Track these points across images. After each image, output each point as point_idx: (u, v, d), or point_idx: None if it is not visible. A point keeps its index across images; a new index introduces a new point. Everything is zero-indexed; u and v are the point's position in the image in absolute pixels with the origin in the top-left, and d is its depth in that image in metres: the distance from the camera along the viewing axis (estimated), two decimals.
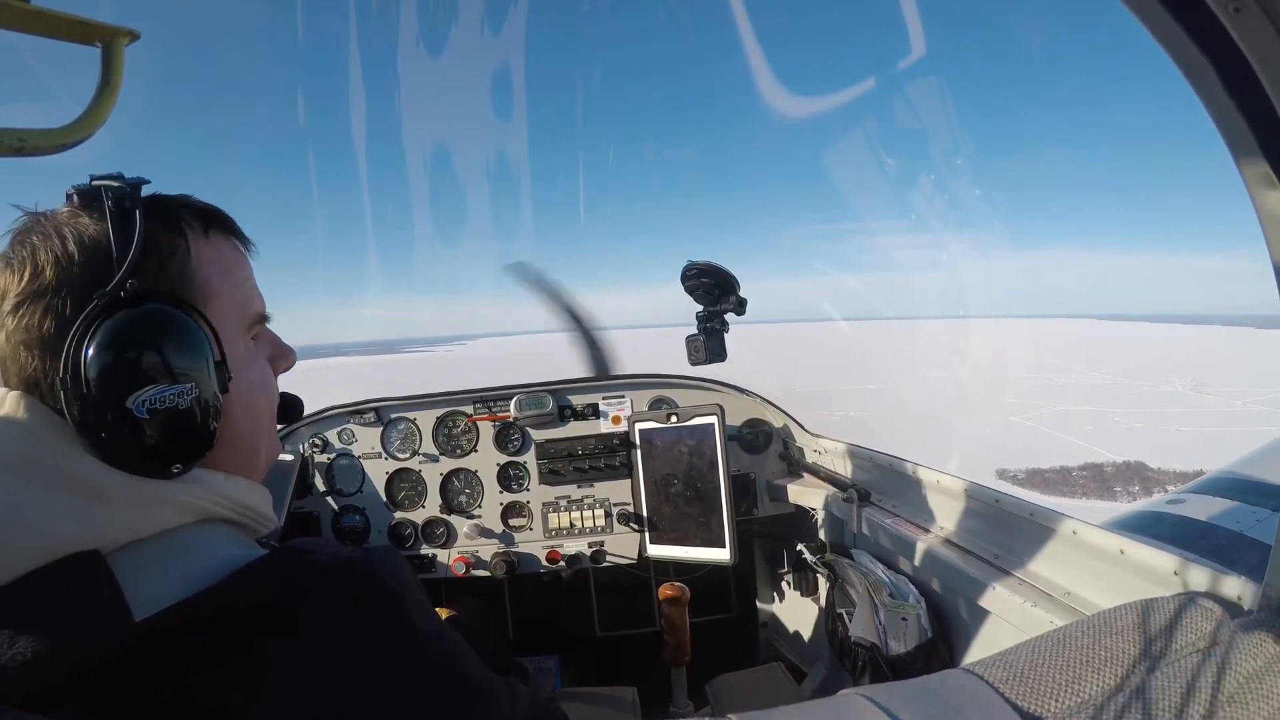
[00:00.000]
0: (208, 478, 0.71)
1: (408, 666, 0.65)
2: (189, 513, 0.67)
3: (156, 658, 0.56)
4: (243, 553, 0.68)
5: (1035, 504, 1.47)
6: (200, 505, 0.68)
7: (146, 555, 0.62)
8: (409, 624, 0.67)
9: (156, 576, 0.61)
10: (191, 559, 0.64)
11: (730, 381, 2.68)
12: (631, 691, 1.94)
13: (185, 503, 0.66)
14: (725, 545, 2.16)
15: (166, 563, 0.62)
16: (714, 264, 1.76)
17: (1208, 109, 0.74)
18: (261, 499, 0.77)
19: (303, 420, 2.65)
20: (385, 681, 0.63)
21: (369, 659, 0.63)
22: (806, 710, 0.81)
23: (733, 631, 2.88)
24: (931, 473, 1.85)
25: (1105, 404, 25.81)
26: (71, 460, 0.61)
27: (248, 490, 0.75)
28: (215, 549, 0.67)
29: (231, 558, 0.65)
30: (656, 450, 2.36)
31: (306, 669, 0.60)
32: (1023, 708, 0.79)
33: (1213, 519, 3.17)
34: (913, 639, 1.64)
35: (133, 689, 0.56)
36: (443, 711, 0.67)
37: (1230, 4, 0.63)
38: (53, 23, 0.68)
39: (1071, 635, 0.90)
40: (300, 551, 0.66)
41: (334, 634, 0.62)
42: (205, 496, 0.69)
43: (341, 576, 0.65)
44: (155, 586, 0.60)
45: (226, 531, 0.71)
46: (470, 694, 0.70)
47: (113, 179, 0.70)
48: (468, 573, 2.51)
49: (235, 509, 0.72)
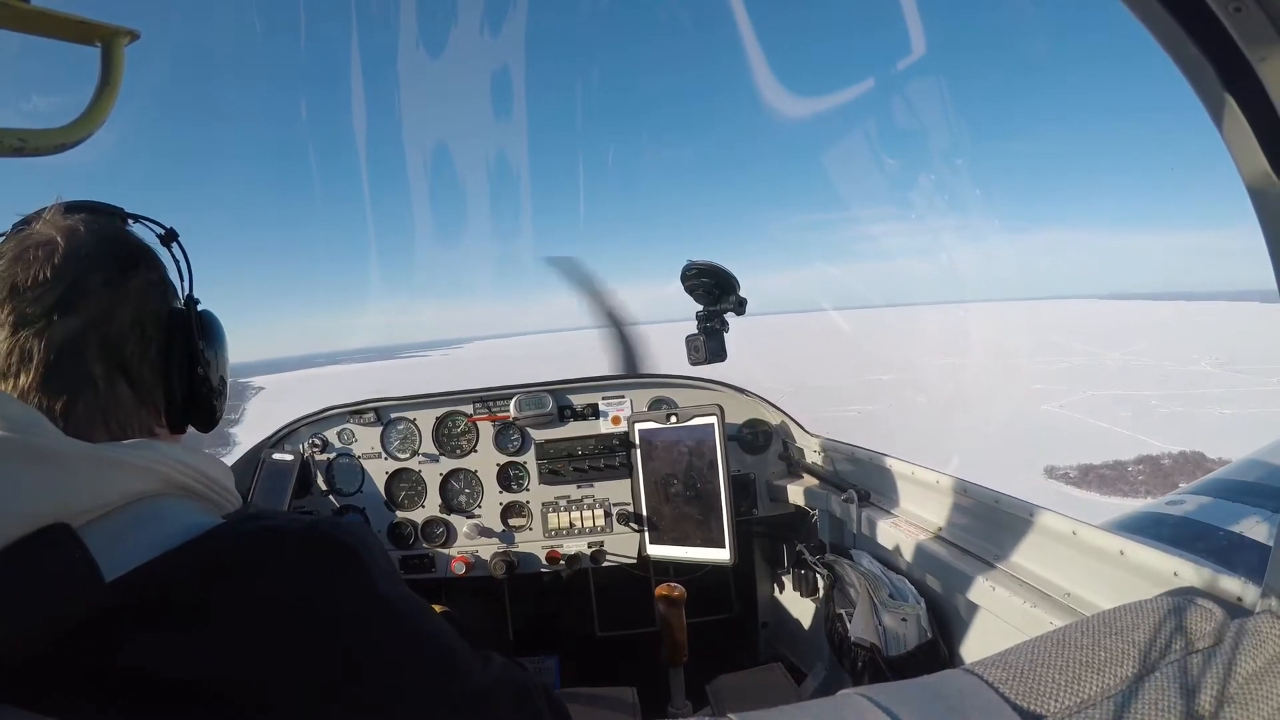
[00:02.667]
0: (166, 446, 0.72)
1: (371, 623, 0.67)
2: (153, 478, 0.68)
3: (126, 617, 0.58)
4: (206, 520, 0.69)
5: (1035, 504, 1.47)
6: (163, 471, 0.69)
7: (114, 523, 0.63)
8: (371, 582, 0.69)
9: (124, 543, 0.62)
10: (157, 526, 0.65)
11: (730, 381, 2.69)
12: (631, 691, 1.94)
13: (148, 468, 0.67)
14: (725, 545, 2.16)
15: (134, 530, 0.64)
16: (714, 264, 1.76)
17: (1208, 108, 0.74)
18: (224, 474, 0.79)
19: (303, 420, 2.65)
20: (348, 637, 0.65)
21: (331, 614, 0.65)
22: (806, 710, 0.81)
23: (733, 631, 2.88)
24: (931, 473, 1.85)
25: (1135, 387, 24.79)
26: (40, 436, 0.62)
27: (212, 463, 0.77)
28: (179, 517, 0.68)
29: (195, 525, 0.67)
30: (656, 450, 2.36)
31: (269, 625, 0.62)
32: (1023, 708, 0.79)
33: (1213, 519, 3.17)
34: (913, 639, 1.64)
35: (107, 650, 0.57)
36: (409, 670, 0.68)
37: (1230, 4, 0.63)
38: (53, 23, 0.68)
39: (1071, 635, 0.89)
40: (261, 515, 0.72)
41: (295, 590, 0.65)
42: (165, 462, 0.69)
43: (303, 534, 0.68)
44: (123, 552, 0.61)
45: (191, 502, 0.73)
46: (439, 657, 0.72)
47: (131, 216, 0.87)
48: (467, 572, 2.51)
49: (198, 477, 0.73)
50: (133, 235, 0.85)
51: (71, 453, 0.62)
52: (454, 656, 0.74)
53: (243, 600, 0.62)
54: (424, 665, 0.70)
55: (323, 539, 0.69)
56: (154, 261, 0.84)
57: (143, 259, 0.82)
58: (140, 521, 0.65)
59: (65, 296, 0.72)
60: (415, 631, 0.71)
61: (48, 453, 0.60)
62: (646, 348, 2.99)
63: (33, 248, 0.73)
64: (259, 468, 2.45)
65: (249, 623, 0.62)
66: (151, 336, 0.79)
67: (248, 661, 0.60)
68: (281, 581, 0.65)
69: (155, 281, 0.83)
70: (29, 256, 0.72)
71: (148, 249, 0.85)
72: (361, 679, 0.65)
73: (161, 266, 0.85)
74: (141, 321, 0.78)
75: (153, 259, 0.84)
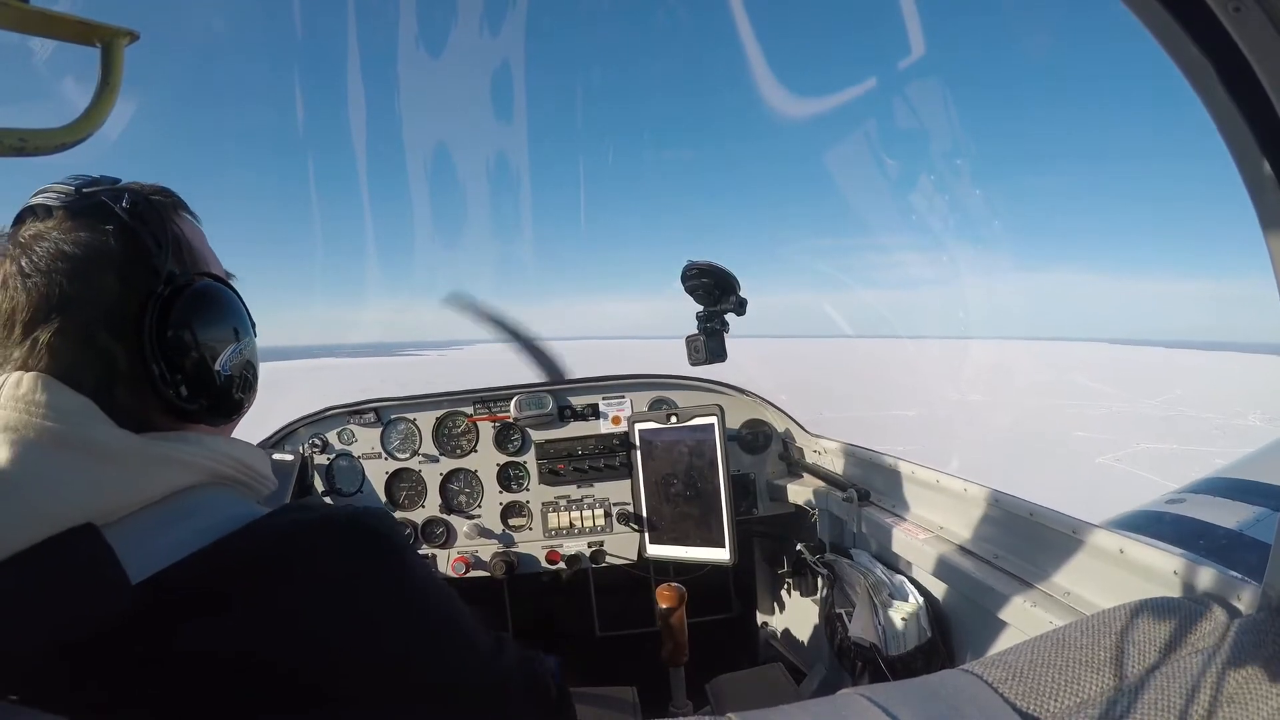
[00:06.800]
0: (210, 440, 0.74)
1: (409, 607, 0.69)
2: (198, 473, 0.69)
3: (158, 615, 0.58)
4: (249, 510, 0.71)
5: (1035, 504, 1.47)
6: (208, 465, 0.71)
7: (153, 519, 0.64)
8: (410, 569, 0.72)
9: (161, 539, 0.63)
10: (199, 519, 0.66)
11: (730, 382, 2.69)
12: (631, 691, 1.94)
13: (194, 463, 0.69)
14: (725, 545, 2.16)
15: (174, 525, 0.65)
16: (714, 264, 1.76)
17: (1208, 109, 0.74)
18: (261, 460, 0.81)
19: (302, 420, 2.65)
20: (388, 621, 0.67)
21: (377, 601, 0.67)
22: (806, 710, 0.81)
23: (732, 631, 2.88)
24: (931, 473, 1.85)
25: (1187, 441, 22.88)
26: (92, 428, 0.63)
27: (248, 451, 0.78)
28: (222, 508, 0.69)
29: (239, 515, 0.68)
30: (656, 450, 2.36)
31: (313, 612, 0.63)
32: (1022, 708, 0.79)
33: (1213, 519, 3.17)
34: (912, 639, 1.64)
35: (138, 647, 0.58)
36: (439, 652, 0.71)
37: (1230, 4, 0.63)
38: (53, 23, 0.68)
39: (1071, 635, 0.89)
40: (302, 507, 0.73)
41: (342, 575, 0.66)
42: (211, 456, 0.71)
43: (345, 524, 0.70)
44: (158, 548, 0.62)
45: (232, 492, 0.74)
46: (462, 640, 0.75)
47: (106, 187, 0.75)
48: (467, 573, 2.51)
49: (240, 468, 0.75)
50: (78, 237, 0.71)
51: (122, 447, 0.63)
52: (475, 642, 0.77)
53: (292, 587, 0.64)
54: (451, 649, 0.73)
55: (367, 528, 0.71)
56: (99, 261, 0.71)
57: (85, 268, 0.70)
58: (182, 515, 0.66)
59: (31, 320, 0.67)
60: (444, 616, 0.74)
61: (97, 446, 0.62)
62: (561, 357, 3.06)
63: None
64: None
65: (299, 608, 0.63)
66: (114, 352, 0.70)
67: (297, 645, 0.62)
68: (329, 568, 0.66)
69: (103, 287, 0.70)
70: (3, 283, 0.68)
71: (92, 250, 0.71)
72: (396, 660, 0.67)
73: (112, 258, 0.71)
74: (97, 342, 0.69)
75: (98, 260, 0.71)
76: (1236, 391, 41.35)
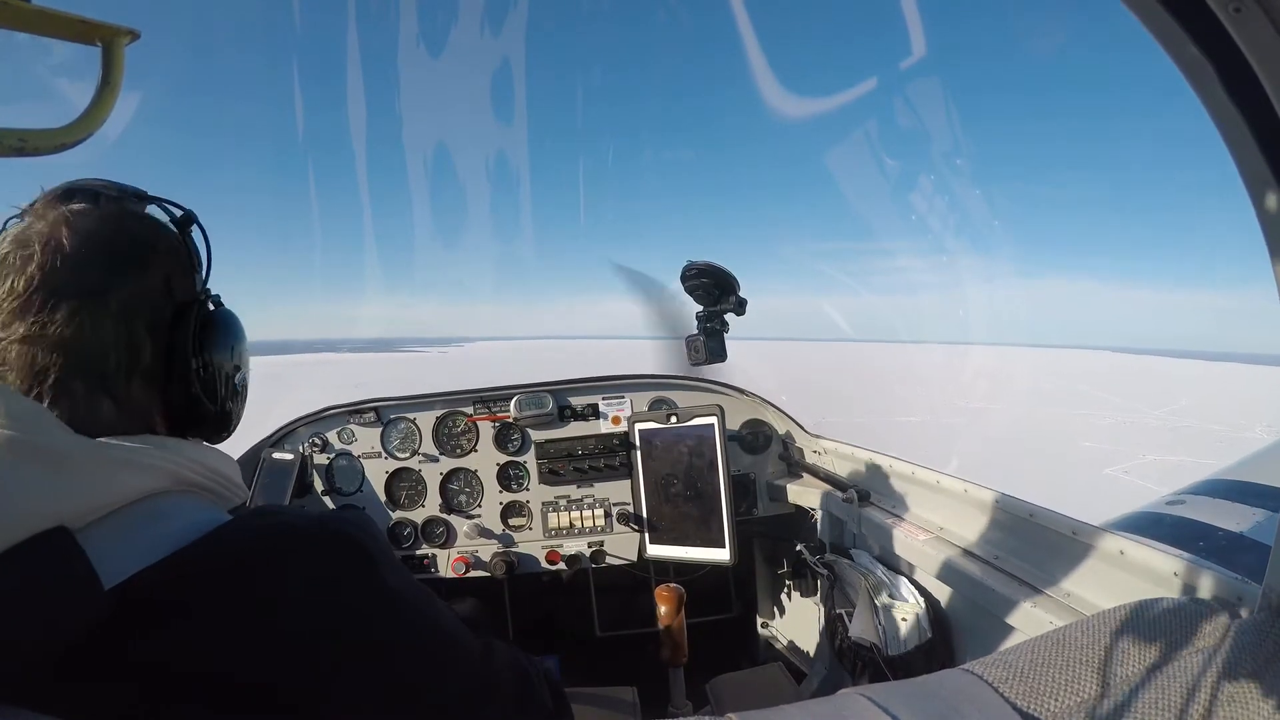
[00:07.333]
0: (178, 444, 0.72)
1: (379, 615, 0.68)
2: (162, 478, 0.67)
3: (130, 622, 0.57)
4: (215, 516, 0.69)
5: (1035, 505, 1.47)
6: (173, 470, 0.68)
7: (119, 524, 0.62)
8: (380, 576, 0.70)
9: (128, 544, 0.61)
10: (164, 524, 0.64)
11: (730, 382, 2.69)
12: (631, 691, 1.94)
13: (158, 467, 0.66)
14: (725, 546, 2.16)
15: (140, 530, 0.63)
16: (714, 264, 1.76)
17: (1208, 109, 0.74)
18: (231, 467, 0.79)
19: (302, 419, 2.65)
20: (358, 629, 0.66)
21: (341, 607, 0.66)
22: (806, 710, 0.81)
23: (732, 631, 2.88)
24: (931, 473, 1.85)
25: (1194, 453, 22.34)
26: (45, 434, 0.60)
27: (219, 458, 0.77)
28: (188, 514, 0.67)
29: (204, 521, 0.66)
30: (656, 451, 2.36)
31: (282, 620, 0.62)
32: (1022, 707, 0.79)
33: (1213, 519, 3.16)
34: (912, 639, 1.64)
35: (110, 654, 0.57)
36: (417, 659, 0.70)
37: (1230, 4, 0.63)
38: (53, 22, 0.68)
39: (1071, 635, 0.89)
40: (271, 511, 0.71)
41: (308, 584, 0.65)
42: (177, 461, 0.69)
43: (314, 532, 0.68)
44: (126, 553, 0.60)
45: (199, 498, 0.72)
46: (444, 646, 0.74)
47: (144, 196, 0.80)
48: (467, 573, 2.51)
49: (208, 474, 0.73)
50: (135, 227, 0.76)
51: (78, 452, 0.61)
52: (458, 645, 0.76)
53: (254, 596, 0.62)
54: (431, 654, 0.72)
55: (333, 535, 0.69)
56: (156, 258, 0.75)
57: (141, 257, 0.74)
58: (148, 520, 0.64)
59: (40, 308, 0.67)
60: (421, 622, 0.72)
61: (53, 451, 0.59)
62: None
63: (13, 251, 0.69)
64: (260, 467, 2.46)
65: (261, 618, 0.62)
66: (142, 345, 0.72)
67: (259, 657, 0.61)
68: (293, 577, 0.65)
69: (153, 283, 0.74)
70: (9, 261, 0.68)
71: (149, 244, 0.76)
72: (371, 669, 0.65)
73: (167, 260, 0.77)
74: (130, 330, 0.71)
75: (154, 255, 0.75)
76: (1241, 404, 40.87)
